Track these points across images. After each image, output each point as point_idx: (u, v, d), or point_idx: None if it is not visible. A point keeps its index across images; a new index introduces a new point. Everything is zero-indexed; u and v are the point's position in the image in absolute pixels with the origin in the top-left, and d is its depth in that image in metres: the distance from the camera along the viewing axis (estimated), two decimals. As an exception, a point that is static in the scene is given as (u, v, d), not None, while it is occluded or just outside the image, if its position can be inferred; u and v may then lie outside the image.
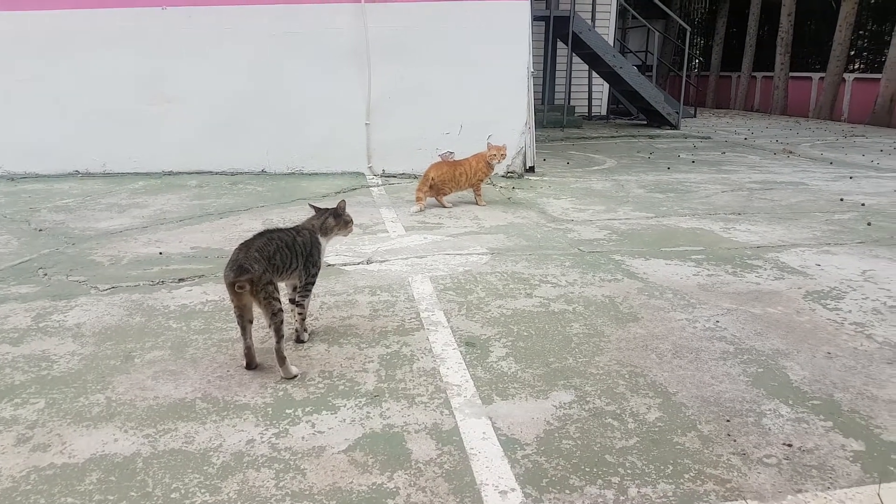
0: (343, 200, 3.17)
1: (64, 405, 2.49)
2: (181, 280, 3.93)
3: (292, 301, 3.05)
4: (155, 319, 3.33)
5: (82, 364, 2.84)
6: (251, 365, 2.79)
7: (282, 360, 2.69)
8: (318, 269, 3.04)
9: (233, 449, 2.21)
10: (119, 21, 7.37)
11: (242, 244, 2.76)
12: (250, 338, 2.77)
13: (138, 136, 7.59)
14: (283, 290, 2.94)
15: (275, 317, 2.64)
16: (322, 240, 3.06)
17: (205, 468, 2.10)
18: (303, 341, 3.06)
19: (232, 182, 7.20)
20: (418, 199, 5.81)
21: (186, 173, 7.60)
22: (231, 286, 2.61)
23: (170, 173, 7.62)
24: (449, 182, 5.87)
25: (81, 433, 2.30)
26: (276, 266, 2.74)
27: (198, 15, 7.39)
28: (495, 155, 5.84)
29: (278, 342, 2.68)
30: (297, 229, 3.00)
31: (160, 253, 4.48)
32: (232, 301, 2.70)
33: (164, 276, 3.98)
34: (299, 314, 3.05)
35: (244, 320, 2.73)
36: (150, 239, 4.84)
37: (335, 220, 3.09)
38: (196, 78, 7.52)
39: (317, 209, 3.14)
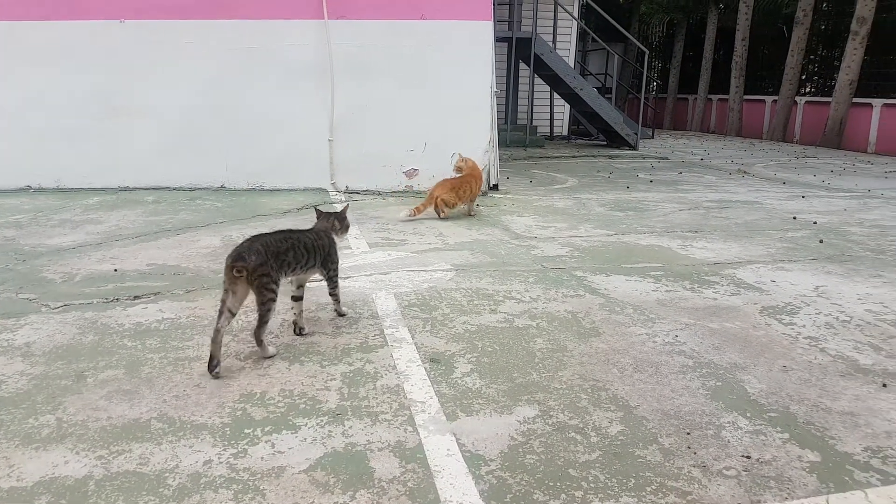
0: (347, 205, 3.46)
1: (12, 427, 2.40)
2: (136, 297, 3.84)
3: (294, 298, 3.29)
4: (109, 338, 3.24)
5: (32, 384, 2.74)
6: (213, 360, 2.82)
7: (259, 342, 2.97)
8: (337, 265, 3.39)
9: (189, 470, 2.15)
10: (75, 33, 7.23)
11: (254, 236, 2.99)
12: (224, 323, 2.83)
13: (93, 150, 7.42)
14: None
15: (263, 305, 2.88)
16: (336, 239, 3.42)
17: (160, 490, 2.04)
18: (343, 314, 3.54)
19: (190, 198, 7.09)
20: (417, 210, 6.03)
21: (143, 189, 7.46)
22: (229, 269, 2.84)
23: (126, 189, 7.47)
24: (454, 198, 6.12)
25: (30, 455, 2.22)
26: (287, 262, 3.00)
27: (157, 28, 7.29)
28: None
29: (259, 327, 2.93)
30: (315, 232, 3.29)
31: (115, 270, 4.37)
32: (224, 283, 2.87)
33: (119, 294, 3.89)
34: (335, 300, 3.49)
35: (225, 305, 2.84)
36: (105, 255, 4.73)
37: (340, 223, 3.41)
38: (154, 92, 7.40)
39: (321, 213, 3.46)
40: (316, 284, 4.11)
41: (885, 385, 2.81)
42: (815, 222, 6.24)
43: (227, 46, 7.37)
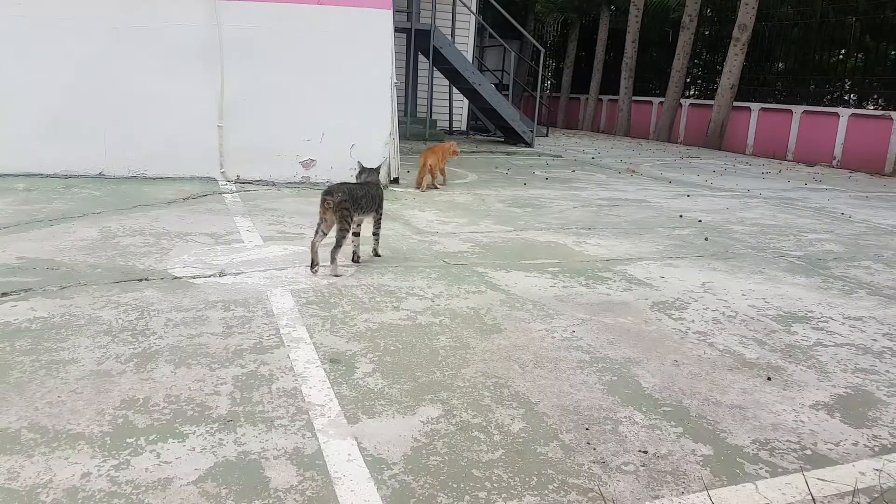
0: (381, 165, 4.94)
1: None
2: (4, 294, 3.50)
3: (354, 234, 4.26)
4: (-29, 339, 2.94)
5: None
6: (313, 263, 4.05)
7: (332, 259, 4.03)
8: (383, 210, 4.46)
9: (65, 484, 1.96)
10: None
11: (341, 183, 4.23)
12: (318, 239, 4.03)
13: (-45, 132, 6.77)
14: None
15: (340, 231, 3.98)
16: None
17: (29, 510, 1.85)
18: (379, 255, 4.51)
19: (65, 186, 6.59)
20: (420, 181, 7.42)
21: (12, 175, 6.85)
22: (322, 201, 3.94)
23: (-7, 175, 6.86)
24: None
25: None
26: (361, 206, 4.13)
27: (31, 3, 6.72)
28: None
29: (334, 248, 4.00)
30: (376, 185, 4.39)
31: (-21, 264, 3.99)
32: (319, 212, 3.99)
33: (-16, 290, 3.54)
34: (375, 239, 4.49)
35: (320, 227, 4.02)
36: (-33, 248, 4.31)
37: (377, 175, 4.48)
38: (27, 72, 6.82)
39: (364, 168, 4.46)
40: (202, 280, 3.91)
41: (769, 378, 2.96)
42: (700, 220, 6.55)
43: (109, 24, 6.89)
